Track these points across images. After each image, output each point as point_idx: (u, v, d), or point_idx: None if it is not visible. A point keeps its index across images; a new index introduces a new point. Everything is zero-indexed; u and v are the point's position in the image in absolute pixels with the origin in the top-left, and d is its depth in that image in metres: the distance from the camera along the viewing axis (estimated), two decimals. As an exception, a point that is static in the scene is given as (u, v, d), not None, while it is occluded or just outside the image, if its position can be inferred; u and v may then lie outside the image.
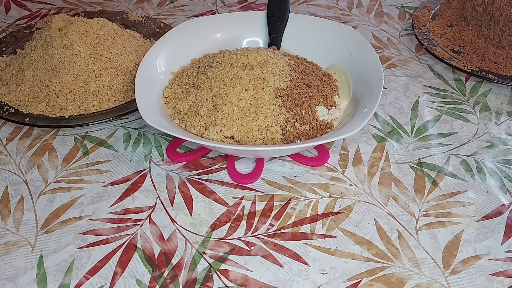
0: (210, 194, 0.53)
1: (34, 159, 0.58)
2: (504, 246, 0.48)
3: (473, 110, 0.64)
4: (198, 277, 0.46)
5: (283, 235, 0.49)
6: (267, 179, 0.55)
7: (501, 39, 0.70)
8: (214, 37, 0.68)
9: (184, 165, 0.57)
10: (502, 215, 0.51)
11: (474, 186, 0.54)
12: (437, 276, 0.46)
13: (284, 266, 0.47)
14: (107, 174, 0.56)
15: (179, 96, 0.59)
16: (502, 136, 0.60)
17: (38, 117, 0.60)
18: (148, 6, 0.87)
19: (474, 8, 0.74)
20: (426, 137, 0.60)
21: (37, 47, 0.64)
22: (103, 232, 0.50)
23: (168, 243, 0.49)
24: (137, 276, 0.46)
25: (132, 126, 0.62)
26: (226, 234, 0.49)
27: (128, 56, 0.65)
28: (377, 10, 0.85)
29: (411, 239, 0.49)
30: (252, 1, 0.89)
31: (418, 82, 0.69)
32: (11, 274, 0.46)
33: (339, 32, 0.66)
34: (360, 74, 0.61)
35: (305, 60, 0.65)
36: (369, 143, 0.59)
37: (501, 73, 0.67)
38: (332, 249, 0.48)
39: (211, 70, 0.58)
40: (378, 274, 0.46)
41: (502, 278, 0.45)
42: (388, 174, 0.56)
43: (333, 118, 0.59)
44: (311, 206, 0.52)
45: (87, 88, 0.62)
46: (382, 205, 0.52)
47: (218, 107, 0.55)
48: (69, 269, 0.46)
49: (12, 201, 0.53)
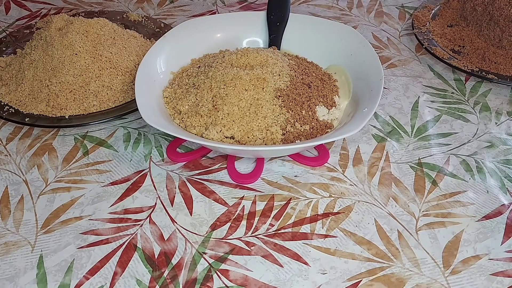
0: (210, 194, 0.53)
1: (34, 159, 0.58)
2: (504, 246, 0.48)
3: (473, 110, 0.64)
4: (198, 277, 0.46)
5: (283, 235, 0.49)
6: (267, 179, 0.55)
7: (501, 39, 0.70)
8: (214, 37, 0.68)
9: (184, 165, 0.57)
10: (502, 215, 0.51)
11: (474, 186, 0.54)
12: (437, 276, 0.46)
13: (284, 266, 0.47)
14: (107, 174, 0.56)
15: (179, 96, 0.59)
16: (502, 136, 0.60)
17: (38, 117, 0.60)
18: (148, 6, 0.87)
19: (474, 8, 0.74)
20: (426, 137, 0.60)
21: (37, 47, 0.64)
22: (103, 232, 0.50)
23: (168, 243, 0.49)
24: (137, 276, 0.46)
25: (132, 126, 0.62)
26: (226, 234, 0.49)
27: (128, 56, 0.65)
28: (377, 10, 0.85)
29: (411, 239, 0.49)
30: (252, 1, 0.89)
31: (418, 82, 0.69)
32: (11, 274, 0.46)
33: (339, 32, 0.66)
34: (360, 74, 0.61)
35: (305, 60, 0.65)
36: (369, 143, 0.59)
37: (501, 73, 0.67)
38: (332, 249, 0.48)
39: (211, 70, 0.58)
40: (378, 274, 0.46)
41: (502, 278, 0.45)
42: (388, 174, 0.56)
43: (333, 118, 0.59)
44: (311, 206, 0.52)
45: (87, 88, 0.62)
46: (382, 205, 0.52)
47: (218, 107, 0.55)
48: (69, 269, 0.46)
49: (12, 201, 0.53)
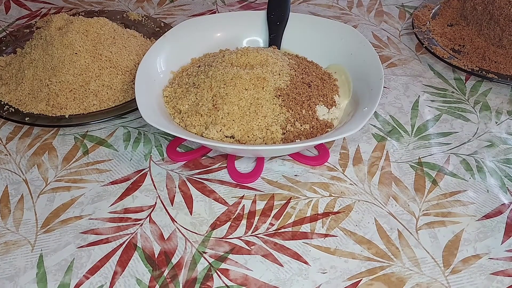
0: (210, 193, 0.53)
1: (34, 158, 0.58)
2: (504, 245, 0.48)
3: (473, 109, 0.64)
4: (198, 276, 0.46)
5: (283, 234, 0.49)
6: (267, 178, 0.55)
7: (501, 38, 0.70)
8: (214, 36, 0.68)
9: (184, 164, 0.57)
10: (502, 214, 0.51)
11: (474, 185, 0.54)
12: (437, 276, 0.46)
13: (284, 265, 0.47)
14: (107, 173, 0.56)
15: (179, 96, 0.59)
16: (502, 135, 0.60)
17: (38, 116, 0.60)
18: (148, 6, 0.86)
19: (474, 7, 0.74)
20: (426, 136, 0.60)
21: (37, 47, 0.64)
22: (103, 232, 0.50)
23: (168, 243, 0.49)
24: (137, 276, 0.46)
25: (132, 125, 0.62)
26: (226, 233, 0.49)
27: (128, 56, 0.65)
28: (377, 9, 0.85)
29: (411, 238, 0.49)
30: (252, 1, 0.89)
31: (418, 81, 0.69)
32: (11, 273, 0.46)
33: (339, 32, 0.66)
34: (360, 74, 0.61)
35: (305, 59, 0.65)
36: (369, 142, 0.59)
37: (501, 73, 0.67)
38: (332, 249, 0.48)
39: (211, 70, 0.58)
40: (378, 274, 0.46)
41: (502, 278, 0.45)
42: (388, 173, 0.55)
43: (333, 117, 0.58)
44: (311, 206, 0.52)
45: (87, 87, 0.62)
46: (382, 205, 0.52)
47: (218, 106, 0.55)
48: (69, 269, 0.46)
49: (12, 201, 0.53)
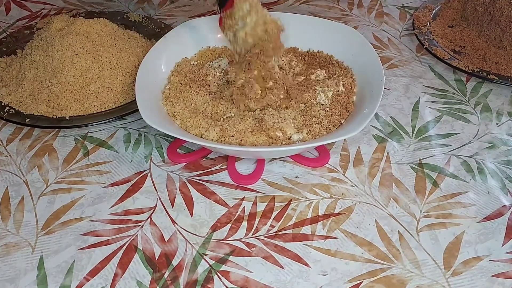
0: (211, 195, 0.53)
1: (35, 160, 0.58)
2: (505, 247, 0.48)
3: (474, 110, 0.64)
4: (198, 278, 0.46)
5: (284, 236, 0.49)
6: (268, 180, 0.55)
7: (502, 40, 0.70)
8: (214, 37, 0.68)
9: (185, 166, 0.57)
10: (503, 216, 0.51)
11: (475, 187, 0.54)
12: (438, 278, 0.46)
13: (285, 267, 0.47)
14: (108, 175, 0.56)
15: (179, 97, 0.59)
16: (503, 136, 0.60)
17: (38, 117, 0.60)
18: (148, 7, 0.86)
19: (475, 8, 0.74)
20: (427, 137, 0.60)
21: (37, 48, 0.64)
22: (103, 233, 0.50)
23: (169, 245, 0.49)
24: (137, 278, 0.46)
25: (132, 126, 0.62)
26: (227, 235, 0.49)
27: (128, 57, 0.65)
28: (377, 10, 0.85)
29: (412, 240, 0.49)
30: (253, 1, 0.88)
31: (419, 82, 0.69)
32: (12, 275, 0.46)
33: (340, 33, 0.66)
34: (361, 75, 0.61)
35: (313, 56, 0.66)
36: (370, 143, 0.59)
37: (502, 74, 0.67)
38: (333, 250, 0.48)
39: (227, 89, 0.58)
40: (379, 276, 0.46)
41: (503, 280, 0.45)
42: (388, 175, 0.55)
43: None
44: (311, 207, 0.52)
45: (88, 89, 0.62)
46: (383, 206, 0.52)
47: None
48: (70, 271, 0.46)
49: (12, 202, 0.53)
